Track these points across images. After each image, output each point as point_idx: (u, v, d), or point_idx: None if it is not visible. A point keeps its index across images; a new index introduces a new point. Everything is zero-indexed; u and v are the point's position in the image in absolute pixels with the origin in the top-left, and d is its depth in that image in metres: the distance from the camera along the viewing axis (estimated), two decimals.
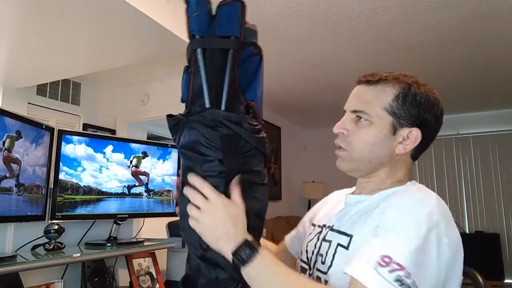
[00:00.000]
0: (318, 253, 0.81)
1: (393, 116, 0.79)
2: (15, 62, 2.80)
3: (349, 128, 0.82)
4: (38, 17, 2.07)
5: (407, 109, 0.79)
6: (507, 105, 5.03)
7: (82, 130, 3.84)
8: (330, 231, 0.81)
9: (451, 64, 3.57)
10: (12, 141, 1.20)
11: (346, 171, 0.85)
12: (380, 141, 0.79)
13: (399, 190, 0.78)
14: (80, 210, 1.49)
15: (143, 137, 4.43)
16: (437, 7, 2.50)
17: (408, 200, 0.72)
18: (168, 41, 2.32)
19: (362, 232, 0.73)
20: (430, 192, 0.75)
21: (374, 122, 0.79)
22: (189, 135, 0.68)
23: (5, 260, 1.14)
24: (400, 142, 0.80)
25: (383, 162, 0.81)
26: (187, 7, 0.68)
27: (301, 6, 2.50)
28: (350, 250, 0.73)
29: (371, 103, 0.80)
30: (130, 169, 1.65)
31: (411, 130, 0.79)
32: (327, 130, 5.25)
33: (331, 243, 0.78)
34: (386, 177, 0.82)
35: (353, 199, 0.85)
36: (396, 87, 0.80)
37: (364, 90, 0.83)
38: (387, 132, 0.79)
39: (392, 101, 0.79)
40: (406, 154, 0.81)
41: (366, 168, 0.82)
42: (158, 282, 1.69)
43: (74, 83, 3.90)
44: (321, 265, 0.78)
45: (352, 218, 0.79)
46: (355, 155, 0.81)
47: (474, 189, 5.39)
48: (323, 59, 3.44)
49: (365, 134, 0.80)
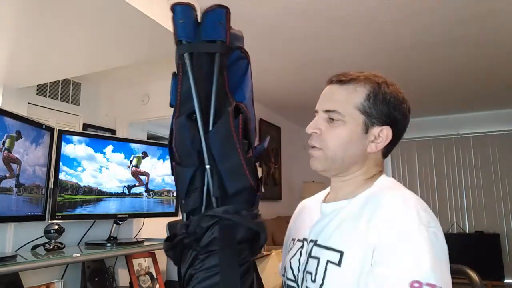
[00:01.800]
0: (305, 271, 0.79)
1: (365, 115, 0.80)
2: (15, 62, 2.80)
3: (322, 127, 0.83)
4: (38, 17, 2.07)
5: (378, 108, 0.80)
6: (507, 105, 5.03)
7: (82, 130, 3.84)
8: (315, 247, 0.79)
9: (451, 64, 3.57)
10: (12, 141, 1.20)
11: (319, 171, 0.86)
12: (353, 140, 0.80)
13: (374, 193, 0.78)
14: (80, 210, 1.49)
15: (143, 137, 4.43)
16: (437, 7, 2.50)
17: (395, 208, 0.71)
18: (168, 41, 2.31)
19: (353, 248, 0.72)
20: (402, 188, 0.78)
21: (346, 121, 0.80)
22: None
23: (5, 260, 1.14)
24: (372, 141, 0.81)
25: (356, 161, 0.82)
26: (173, 15, 0.69)
27: (301, 6, 2.50)
28: (342, 266, 0.71)
29: (343, 103, 0.81)
30: (130, 169, 1.65)
31: (382, 128, 0.81)
32: None
33: (320, 260, 0.76)
34: (359, 175, 0.83)
35: (330, 207, 0.84)
36: (367, 86, 0.81)
37: (336, 89, 0.83)
38: (360, 131, 0.80)
39: (364, 100, 0.80)
40: (377, 152, 0.83)
41: (339, 167, 0.83)
42: (158, 282, 1.69)
43: (74, 83, 3.90)
44: (311, 283, 0.76)
45: (336, 231, 0.77)
46: (329, 154, 0.82)
47: (474, 189, 5.39)
48: (323, 59, 3.45)
49: (338, 133, 0.81)
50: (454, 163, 5.51)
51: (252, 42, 2.97)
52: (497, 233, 5.08)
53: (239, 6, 2.48)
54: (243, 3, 2.44)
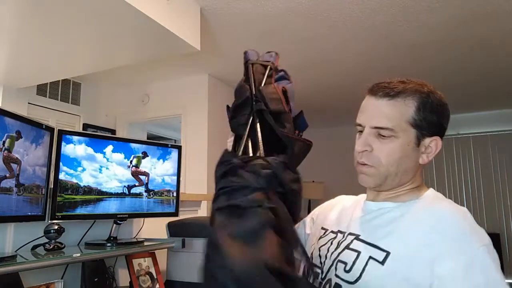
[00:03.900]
0: (337, 260, 0.80)
1: (416, 128, 0.80)
2: (15, 62, 2.80)
3: (372, 145, 0.81)
4: (38, 17, 2.07)
5: (428, 119, 0.80)
6: (507, 105, 5.03)
7: (82, 130, 3.84)
8: (356, 241, 0.80)
9: (451, 65, 3.57)
10: (12, 141, 1.20)
11: (372, 187, 0.85)
12: (406, 154, 0.80)
13: (431, 205, 0.79)
14: (80, 210, 1.49)
15: (143, 137, 4.43)
16: (437, 7, 2.50)
17: (459, 227, 0.72)
18: (168, 41, 2.32)
19: (403, 252, 0.72)
20: (454, 203, 0.78)
21: (399, 137, 0.79)
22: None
23: (5, 260, 1.14)
24: (423, 152, 0.81)
25: (408, 174, 0.82)
26: None
27: (301, 6, 2.50)
28: (385, 266, 0.72)
29: (394, 119, 0.79)
30: (130, 169, 1.65)
31: (432, 139, 0.81)
32: (327, 130, 5.32)
33: (360, 254, 0.76)
34: (408, 186, 0.84)
35: (375, 206, 0.85)
36: (416, 98, 0.80)
37: (384, 105, 0.80)
38: (413, 145, 0.80)
39: (414, 113, 0.79)
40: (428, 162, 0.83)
41: (393, 183, 0.82)
42: (158, 282, 1.69)
43: (74, 83, 3.90)
44: (343, 273, 0.76)
45: (383, 231, 0.78)
46: (382, 170, 0.81)
47: (474, 189, 5.39)
48: (322, 59, 3.45)
49: (391, 149, 0.79)
50: (454, 163, 5.51)
51: (254, 42, 2.97)
52: (497, 233, 5.08)
53: (240, 6, 2.48)
54: (244, 3, 2.44)
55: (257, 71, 0.82)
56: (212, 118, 3.81)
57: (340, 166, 4.83)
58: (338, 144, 5.26)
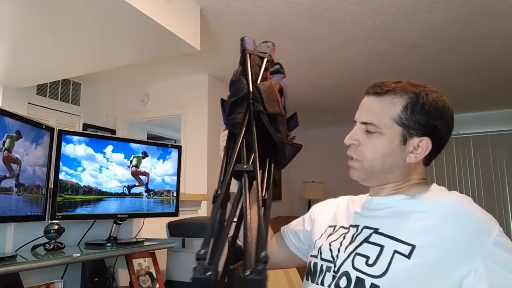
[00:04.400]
0: (355, 253, 0.80)
1: (403, 126, 0.80)
2: (15, 62, 2.80)
3: (360, 139, 0.84)
4: (39, 18, 2.07)
5: (415, 119, 0.80)
6: (507, 105, 5.03)
7: (82, 130, 3.84)
8: (376, 234, 0.80)
9: (451, 65, 3.57)
10: (12, 141, 1.20)
11: (359, 181, 0.87)
12: (391, 151, 0.81)
13: (452, 202, 0.79)
14: (80, 210, 1.49)
15: (143, 137, 4.43)
16: (437, 7, 2.50)
17: (475, 218, 0.76)
18: (168, 41, 2.32)
19: (429, 245, 0.73)
20: (460, 194, 0.80)
21: (384, 133, 0.81)
22: None
23: (5, 260, 1.14)
24: (411, 152, 0.81)
25: (395, 172, 0.83)
26: None
27: (301, 6, 2.50)
28: (412, 259, 0.72)
29: (380, 115, 0.82)
30: (130, 169, 1.65)
31: (421, 139, 0.81)
32: (327, 130, 5.31)
33: (384, 248, 0.76)
34: (399, 183, 0.85)
35: (382, 200, 0.86)
36: (404, 97, 0.81)
37: (373, 101, 0.84)
38: (398, 142, 0.81)
39: (401, 112, 0.81)
40: (417, 162, 0.83)
41: (379, 178, 0.84)
42: (158, 282, 1.69)
43: (74, 83, 3.90)
44: (365, 266, 0.76)
45: (405, 225, 0.78)
46: (367, 165, 0.83)
47: (474, 189, 5.39)
48: (322, 59, 3.45)
49: (376, 145, 0.82)
50: (454, 163, 5.51)
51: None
52: None
53: (240, 6, 2.48)
54: (244, 2, 2.44)
55: (254, 63, 0.83)
56: (212, 118, 3.81)
57: (340, 166, 4.80)
58: (338, 144, 5.23)
